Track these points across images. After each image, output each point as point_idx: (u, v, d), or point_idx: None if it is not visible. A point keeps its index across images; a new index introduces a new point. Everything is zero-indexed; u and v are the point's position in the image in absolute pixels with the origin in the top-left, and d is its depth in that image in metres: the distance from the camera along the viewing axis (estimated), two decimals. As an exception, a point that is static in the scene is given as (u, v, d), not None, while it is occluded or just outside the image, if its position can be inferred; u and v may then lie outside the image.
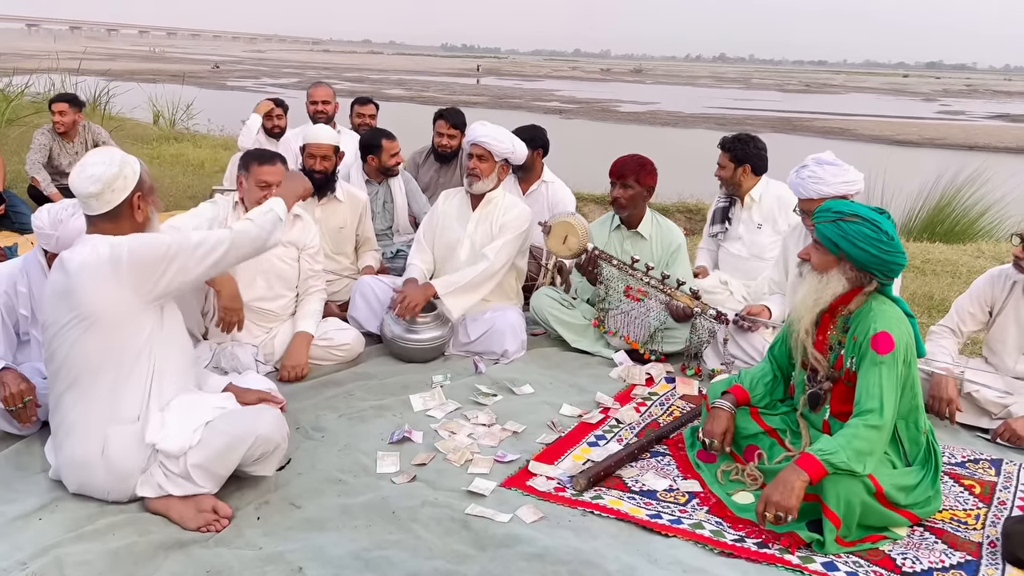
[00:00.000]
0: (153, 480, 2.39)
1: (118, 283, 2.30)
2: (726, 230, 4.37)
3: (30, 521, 2.34)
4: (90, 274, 2.29)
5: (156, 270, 2.35)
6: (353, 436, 2.94)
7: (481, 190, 3.88)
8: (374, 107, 5.94)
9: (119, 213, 2.39)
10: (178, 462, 2.36)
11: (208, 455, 2.37)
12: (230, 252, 2.52)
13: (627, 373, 3.61)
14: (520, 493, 2.60)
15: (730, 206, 4.38)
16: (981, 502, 2.64)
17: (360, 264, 4.37)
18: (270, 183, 3.33)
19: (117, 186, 2.36)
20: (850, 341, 2.54)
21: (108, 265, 2.29)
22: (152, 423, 2.38)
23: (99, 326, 2.31)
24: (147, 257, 2.34)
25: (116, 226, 2.39)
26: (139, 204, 2.42)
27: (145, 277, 2.34)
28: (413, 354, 3.67)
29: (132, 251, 2.32)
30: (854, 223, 2.43)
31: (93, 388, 2.34)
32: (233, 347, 3.37)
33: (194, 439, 2.37)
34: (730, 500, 2.58)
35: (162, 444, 2.35)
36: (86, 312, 2.29)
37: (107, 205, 2.36)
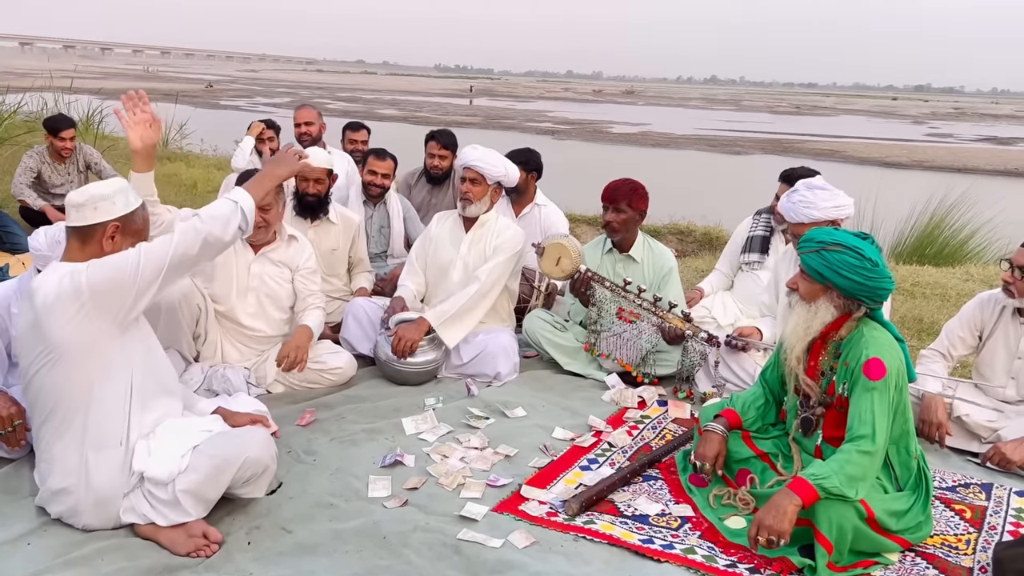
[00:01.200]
0: (139, 510, 2.36)
1: (83, 313, 2.26)
2: (763, 261, 4.23)
3: (18, 546, 2.31)
4: (54, 308, 2.24)
5: (117, 293, 2.29)
6: (345, 460, 2.93)
7: (474, 213, 3.90)
8: (366, 132, 5.97)
9: (90, 234, 2.33)
10: (167, 488, 2.34)
11: (197, 480, 2.35)
12: (177, 256, 2.36)
13: (619, 396, 3.61)
14: (512, 518, 2.59)
15: (770, 236, 4.25)
16: (972, 527, 2.65)
17: (353, 286, 4.37)
18: (265, 207, 3.34)
19: (100, 206, 2.32)
20: (842, 367, 2.55)
21: (71, 297, 2.24)
22: (138, 451, 2.36)
23: (69, 358, 2.28)
24: (106, 282, 2.27)
25: (83, 248, 2.34)
26: (113, 235, 2.35)
27: (107, 302, 2.28)
28: (406, 377, 3.67)
29: (91, 278, 2.26)
30: (837, 252, 2.45)
31: (69, 421, 2.32)
32: (225, 369, 3.37)
33: (182, 464, 2.35)
34: (722, 525, 2.58)
35: (150, 471, 2.33)
36: (54, 344, 2.26)
37: (82, 220, 2.32)
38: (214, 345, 3.43)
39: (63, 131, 5.91)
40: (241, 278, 3.45)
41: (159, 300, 3.21)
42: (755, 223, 4.31)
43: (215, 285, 3.42)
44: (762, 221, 4.29)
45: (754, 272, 4.26)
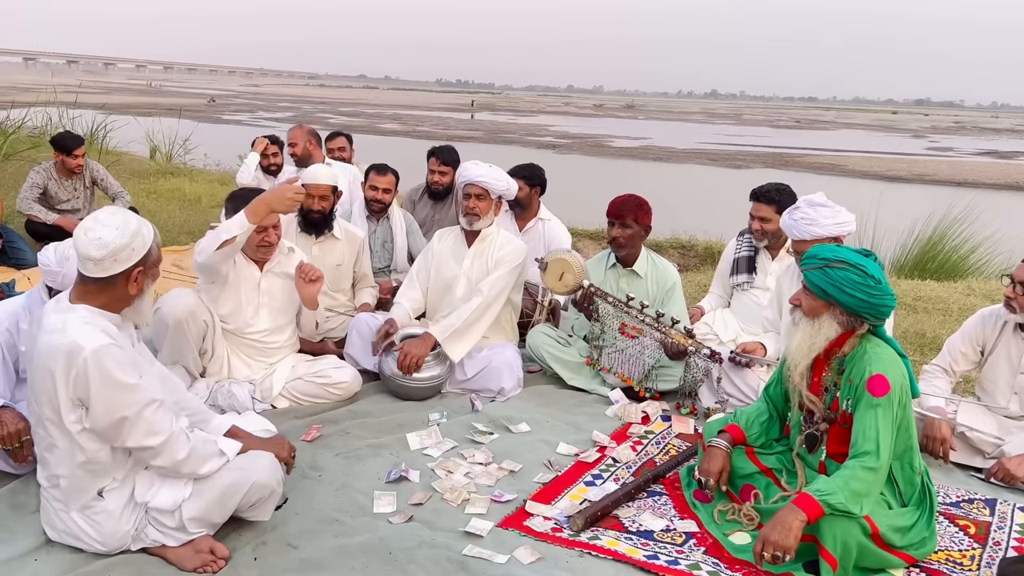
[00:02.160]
0: (149, 537, 2.37)
1: (63, 387, 2.16)
2: (752, 280, 4.21)
3: (25, 562, 2.32)
4: (46, 363, 2.17)
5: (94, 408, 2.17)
6: (350, 475, 2.94)
7: (480, 227, 3.93)
8: (344, 139, 6.08)
9: (113, 281, 2.24)
10: (173, 516, 2.34)
11: (203, 506, 2.35)
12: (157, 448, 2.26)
13: (623, 411, 3.62)
14: (517, 533, 2.60)
15: (755, 255, 4.23)
16: (976, 542, 2.65)
17: (357, 301, 4.39)
18: (266, 226, 3.36)
19: (121, 257, 2.20)
20: (845, 383, 2.56)
21: (62, 366, 2.14)
22: (140, 482, 2.35)
23: (52, 412, 2.21)
24: (98, 401, 2.16)
25: (103, 292, 2.24)
26: (137, 277, 2.26)
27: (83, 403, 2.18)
28: (411, 392, 3.68)
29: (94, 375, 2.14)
30: (840, 269, 2.47)
31: (55, 475, 2.28)
32: (230, 385, 3.38)
33: (186, 492, 2.35)
34: (727, 540, 2.59)
35: (154, 502, 2.33)
36: (41, 394, 2.21)
37: (104, 272, 2.20)
38: (220, 361, 3.45)
39: (75, 149, 5.96)
40: (251, 297, 3.48)
41: (166, 316, 3.25)
42: (739, 244, 4.28)
43: (225, 305, 3.44)
44: (745, 241, 4.25)
45: (746, 292, 4.23)
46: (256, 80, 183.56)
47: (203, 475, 2.37)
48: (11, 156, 9.93)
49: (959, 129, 56.36)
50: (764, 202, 3.99)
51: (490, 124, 38.98)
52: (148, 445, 2.25)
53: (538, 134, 33.54)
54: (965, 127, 59.95)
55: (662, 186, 17.54)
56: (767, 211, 3.98)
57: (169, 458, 2.30)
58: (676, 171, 22.48)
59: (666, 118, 60.27)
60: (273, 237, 3.41)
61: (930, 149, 34.84)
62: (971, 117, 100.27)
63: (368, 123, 35.23)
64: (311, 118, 35.78)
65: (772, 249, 4.15)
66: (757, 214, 4.05)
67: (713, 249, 7.85)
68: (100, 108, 17.28)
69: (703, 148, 29.76)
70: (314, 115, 39.45)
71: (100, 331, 2.20)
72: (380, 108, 52.05)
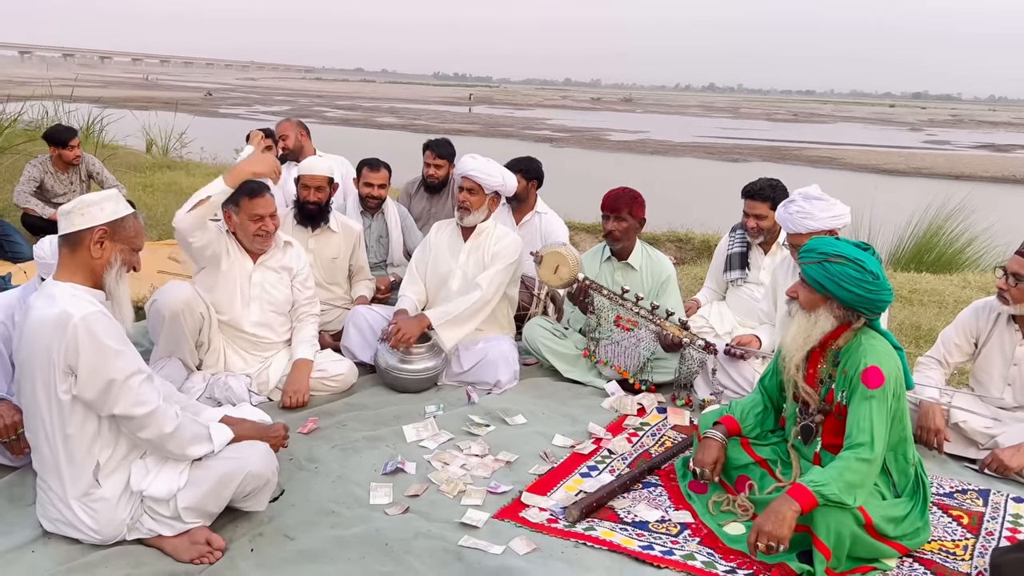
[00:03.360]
0: (144, 526, 2.38)
1: (56, 356, 2.19)
2: (745, 276, 4.22)
3: (23, 553, 2.33)
4: (37, 336, 2.21)
5: (82, 373, 2.20)
6: (346, 467, 2.95)
7: (472, 223, 3.93)
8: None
9: (78, 241, 2.28)
10: (168, 505, 2.35)
11: (198, 495, 2.37)
12: (142, 419, 2.27)
13: (619, 403, 3.64)
14: (513, 524, 2.61)
15: (748, 251, 4.24)
16: (969, 532, 2.67)
17: (353, 294, 4.39)
18: (262, 215, 3.37)
19: (87, 212, 2.27)
20: (840, 375, 2.57)
21: (54, 339, 2.18)
22: (135, 471, 2.36)
23: (44, 388, 2.24)
24: (93, 378, 2.20)
25: (71, 256, 2.29)
26: (100, 241, 2.29)
27: (72, 369, 2.20)
28: (406, 384, 3.69)
29: (85, 336, 2.18)
30: (839, 264, 2.48)
31: (49, 462, 2.30)
32: (227, 377, 3.39)
33: (181, 480, 2.36)
34: (721, 531, 2.60)
35: (149, 491, 2.34)
36: (32, 369, 2.24)
37: (71, 227, 2.27)
38: (217, 353, 3.46)
39: (70, 140, 5.94)
40: (243, 288, 3.48)
41: (162, 307, 3.25)
42: (731, 240, 4.27)
43: (217, 296, 3.44)
44: (737, 237, 4.25)
45: (740, 288, 4.23)
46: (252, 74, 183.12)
47: (189, 456, 2.39)
48: (6, 150, 9.90)
49: (956, 122, 56.40)
50: (759, 199, 3.99)
51: (487, 117, 38.93)
52: (134, 414, 2.26)
53: (535, 127, 33.50)
54: (962, 120, 59.99)
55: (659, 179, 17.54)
56: (762, 208, 3.98)
57: (156, 430, 2.30)
58: (673, 164, 22.47)
59: (664, 111, 60.24)
60: (270, 226, 3.41)
61: (927, 142, 34.86)
62: (968, 110, 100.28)
63: (365, 116, 35.16)
64: (308, 112, 35.72)
65: (765, 244, 4.16)
66: (752, 212, 4.05)
67: (710, 242, 7.85)
68: (96, 102, 17.21)
69: (700, 142, 29.75)
70: (311, 108, 39.39)
71: (87, 302, 2.24)
72: (377, 101, 51.97)
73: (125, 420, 2.29)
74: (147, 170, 10.44)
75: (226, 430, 2.51)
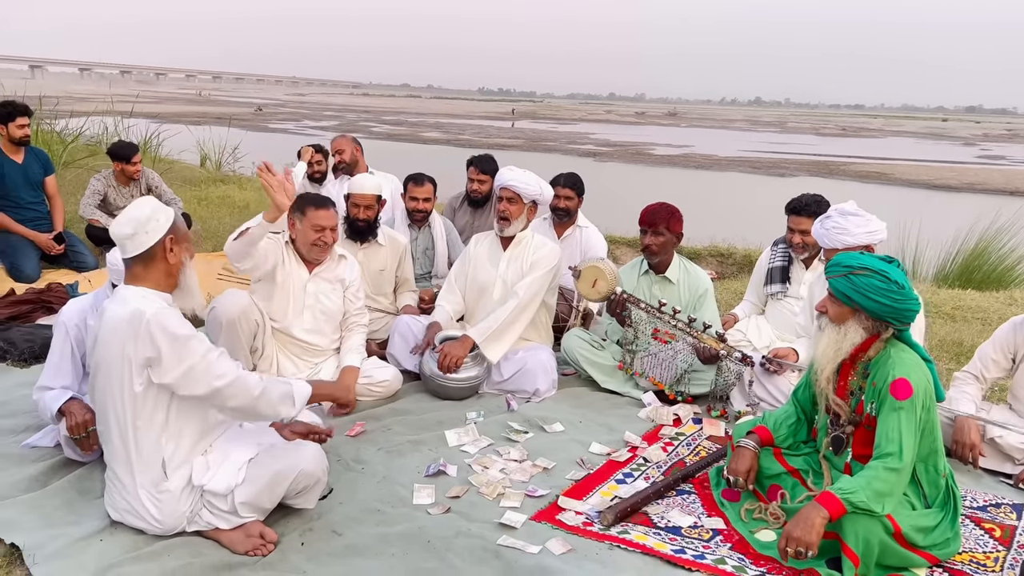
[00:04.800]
0: (202, 520, 2.54)
1: (132, 352, 2.37)
2: (786, 290, 4.26)
3: (92, 542, 2.50)
4: (111, 331, 2.41)
5: (164, 362, 2.37)
6: (391, 469, 3.09)
7: (511, 232, 4.07)
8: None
9: (152, 255, 2.47)
10: (226, 500, 2.51)
11: (253, 492, 2.52)
12: (227, 390, 2.47)
13: (655, 414, 3.72)
14: (550, 526, 2.71)
15: (789, 265, 4.28)
16: (1001, 545, 2.70)
17: (399, 304, 4.55)
18: (324, 227, 3.56)
19: (150, 228, 2.45)
20: (870, 387, 2.63)
21: (127, 321, 2.37)
22: (196, 467, 2.52)
23: (114, 385, 2.42)
24: (165, 355, 2.36)
25: (148, 269, 2.48)
26: (171, 247, 2.50)
27: (151, 361, 2.38)
28: (450, 392, 3.83)
29: (155, 324, 2.36)
30: (864, 276, 2.54)
31: (120, 453, 2.47)
32: (279, 383, 3.55)
33: (239, 477, 2.52)
34: (753, 537, 2.67)
35: (210, 486, 2.50)
36: (104, 364, 2.43)
37: (140, 247, 2.45)
38: (270, 359, 3.63)
39: (133, 156, 6.24)
40: (298, 297, 3.66)
41: (220, 315, 3.44)
42: (773, 254, 4.33)
43: (273, 304, 3.62)
44: (779, 251, 4.30)
45: (780, 301, 4.28)
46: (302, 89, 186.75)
47: (281, 416, 2.65)
48: (69, 164, 10.31)
49: (1012, 137, 54.98)
50: (804, 215, 4.04)
51: (531, 132, 39.14)
52: (217, 387, 2.46)
53: (579, 142, 33.61)
54: (1019, 135, 58.46)
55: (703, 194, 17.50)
56: (807, 224, 3.99)
57: (245, 396, 2.52)
58: (718, 179, 22.37)
59: (709, 125, 59.87)
60: (329, 238, 3.59)
61: (981, 157, 34.10)
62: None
63: (411, 132, 35.66)
64: (355, 127, 36.36)
65: (807, 259, 4.20)
66: (797, 227, 4.10)
67: (751, 257, 7.85)
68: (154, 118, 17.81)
69: (746, 156, 29.55)
70: (358, 124, 40.07)
71: (156, 302, 2.45)
72: (423, 117, 52.60)
73: (213, 396, 2.47)
74: (201, 184, 10.79)
75: (305, 386, 2.75)
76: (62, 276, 5.55)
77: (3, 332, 4.28)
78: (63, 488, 2.81)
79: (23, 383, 3.76)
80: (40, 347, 4.11)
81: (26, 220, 5.78)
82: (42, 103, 12.38)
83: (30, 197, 5.87)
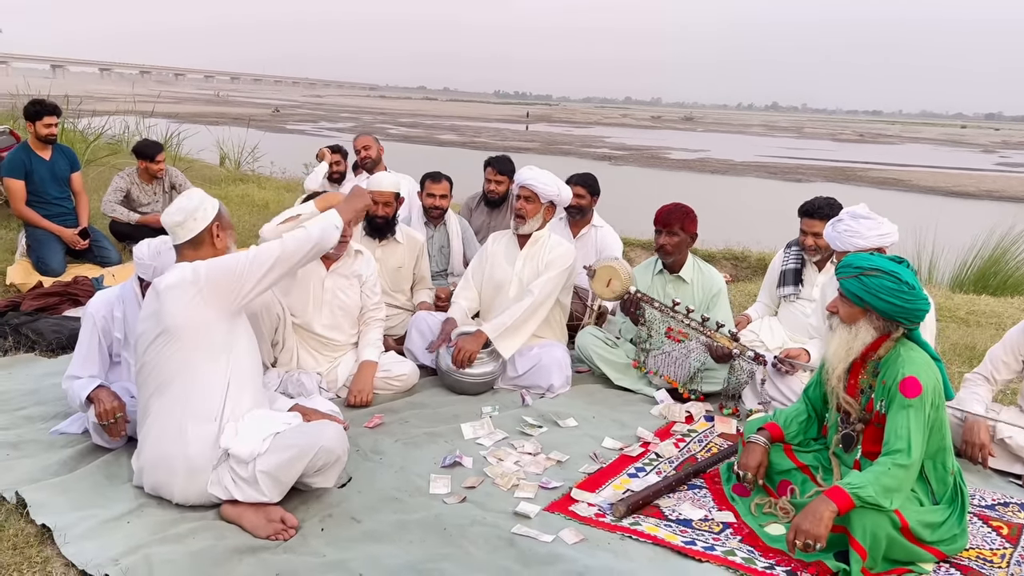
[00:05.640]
0: (222, 483, 2.63)
1: (200, 298, 2.63)
2: (799, 292, 4.30)
3: (119, 524, 2.58)
4: (175, 293, 2.63)
5: (229, 283, 2.68)
6: (408, 459, 3.16)
7: (528, 230, 4.13)
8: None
9: (200, 240, 2.77)
10: (247, 467, 2.60)
11: (275, 462, 2.61)
12: (284, 255, 2.81)
13: (667, 411, 3.77)
14: (563, 517, 2.78)
15: (802, 267, 4.32)
16: (1008, 543, 2.73)
17: (415, 300, 4.63)
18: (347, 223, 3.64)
19: (198, 216, 2.75)
20: (880, 385, 2.67)
21: (190, 283, 2.63)
22: (227, 430, 2.64)
23: (183, 338, 2.62)
24: (221, 273, 2.68)
25: (197, 253, 2.76)
26: (217, 233, 2.80)
27: (220, 290, 2.66)
28: (465, 387, 3.90)
29: (209, 269, 2.67)
30: (875, 277, 2.59)
31: (175, 392, 2.63)
32: (299, 375, 3.64)
33: (263, 447, 2.61)
34: (762, 531, 2.72)
35: (235, 449, 2.60)
36: (171, 325, 2.61)
37: (190, 233, 2.75)
38: (291, 352, 3.71)
39: (157, 155, 6.36)
40: (316, 293, 3.73)
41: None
42: (786, 256, 4.37)
43: (292, 299, 3.70)
44: (793, 253, 4.33)
45: (793, 303, 4.31)
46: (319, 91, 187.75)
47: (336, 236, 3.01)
48: (92, 162, 10.47)
49: (1032, 144, 54.56)
50: (817, 218, 4.08)
51: (546, 135, 39.24)
52: (270, 263, 2.76)
53: (594, 145, 33.65)
54: (1038, 142, 57.98)
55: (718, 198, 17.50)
56: (820, 226, 4.03)
57: (307, 242, 2.88)
58: (734, 183, 22.36)
59: (725, 130, 59.75)
60: (346, 234, 3.67)
61: (1001, 164, 33.88)
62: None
63: (427, 134, 35.85)
64: (372, 128, 36.57)
65: (819, 262, 4.24)
66: (810, 230, 4.14)
67: (766, 260, 7.87)
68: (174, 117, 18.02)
69: (763, 161, 29.51)
70: (374, 125, 40.30)
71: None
72: (439, 119, 52.81)
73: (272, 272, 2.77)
74: (221, 183, 10.94)
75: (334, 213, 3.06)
76: (86, 270, 5.67)
77: (32, 323, 4.38)
78: (91, 472, 2.90)
79: (51, 372, 3.86)
80: (67, 338, 4.22)
81: (53, 216, 5.90)
82: (68, 102, 12.57)
83: (57, 193, 6.00)
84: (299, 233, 2.90)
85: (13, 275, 5.41)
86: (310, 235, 2.90)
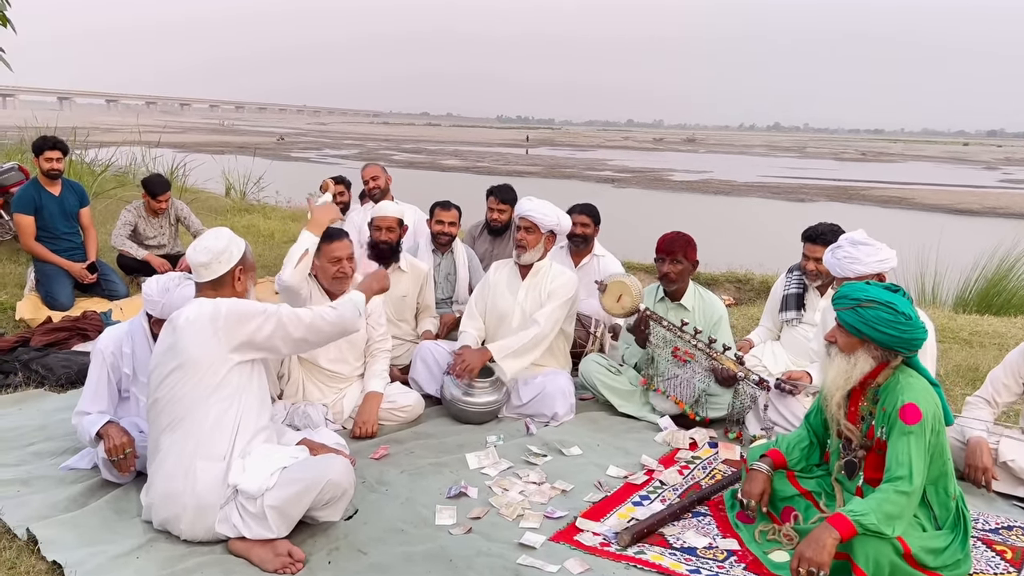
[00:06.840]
0: (229, 521, 2.65)
1: (215, 335, 2.67)
2: (801, 317, 4.33)
3: (129, 560, 2.61)
4: (193, 327, 2.68)
5: (246, 328, 2.73)
6: (414, 490, 3.18)
7: (528, 260, 4.18)
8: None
9: (222, 282, 2.84)
10: (256, 502, 2.62)
11: (283, 496, 2.63)
12: (311, 331, 2.89)
13: (671, 437, 3.79)
14: (568, 547, 2.79)
15: (804, 292, 4.35)
16: (1012, 567, 2.74)
17: (419, 329, 4.67)
18: (341, 257, 3.68)
19: (223, 258, 2.82)
20: (880, 412, 2.69)
21: (208, 319, 2.68)
22: (234, 467, 2.67)
23: (196, 373, 2.65)
24: (240, 316, 2.72)
25: (218, 292, 2.83)
26: (239, 276, 2.88)
27: (236, 332, 2.70)
28: (470, 416, 3.93)
29: (229, 309, 2.72)
30: (872, 308, 2.62)
31: (187, 429, 2.66)
32: (305, 407, 3.67)
33: (271, 482, 2.64)
34: (766, 558, 2.73)
35: (243, 485, 2.63)
36: (186, 359, 2.66)
37: (213, 274, 2.82)
38: (296, 384, 3.75)
39: (160, 195, 6.44)
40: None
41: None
42: (788, 281, 4.40)
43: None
44: (794, 278, 4.36)
45: (795, 328, 4.34)
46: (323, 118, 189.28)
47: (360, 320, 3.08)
48: (99, 195, 10.56)
49: (1035, 160, 54.61)
50: (819, 243, 4.10)
51: (549, 159, 39.43)
52: (303, 336, 2.87)
53: (597, 168, 33.81)
54: (1041, 158, 58.05)
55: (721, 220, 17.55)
56: (822, 252, 4.01)
57: (336, 325, 2.96)
58: (737, 205, 22.42)
59: (728, 151, 59.97)
60: (348, 269, 3.72)
61: (1004, 181, 33.90)
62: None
63: (430, 160, 36.05)
64: (376, 155, 36.83)
65: (821, 287, 4.28)
66: (812, 255, 4.18)
67: (768, 283, 7.89)
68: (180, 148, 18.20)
69: (766, 181, 29.58)
70: (378, 152, 40.58)
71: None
72: (442, 144, 53.13)
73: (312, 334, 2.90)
74: (227, 213, 11.02)
75: (359, 294, 3.16)
76: (95, 304, 5.73)
77: (42, 359, 4.44)
78: (101, 508, 2.93)
79: (61, 408, 3.91)
80: (77, 373, 4.27)
81: (61, 250, 5.98)
82: (75, 135, 12.72)
83: (66, 228, 6.08)
84: (329, 312, 2.97)
85: (22, 310, 5.47)
86: (340, 316, 2.97)
